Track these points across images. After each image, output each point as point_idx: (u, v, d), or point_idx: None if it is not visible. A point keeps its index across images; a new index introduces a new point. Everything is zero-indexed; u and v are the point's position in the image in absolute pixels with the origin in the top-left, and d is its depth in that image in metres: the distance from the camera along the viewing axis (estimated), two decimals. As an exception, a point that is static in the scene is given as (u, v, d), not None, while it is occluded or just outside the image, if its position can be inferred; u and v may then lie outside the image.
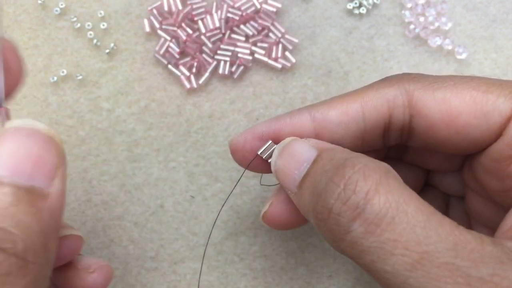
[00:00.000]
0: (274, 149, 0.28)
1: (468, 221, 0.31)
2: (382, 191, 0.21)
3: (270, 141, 0.28)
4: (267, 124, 0.28)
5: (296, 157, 0.26)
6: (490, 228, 0.29)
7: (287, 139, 0.27)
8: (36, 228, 0.21)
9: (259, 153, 0.28)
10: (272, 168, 0.27)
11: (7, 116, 0.23)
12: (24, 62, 0.24)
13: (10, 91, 0.24)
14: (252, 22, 0.38)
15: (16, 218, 0.20)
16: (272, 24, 0.38)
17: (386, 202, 0.21)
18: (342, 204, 0.22)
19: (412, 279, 0.20)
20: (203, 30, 0.38)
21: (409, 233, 0.20)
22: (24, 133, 0.22)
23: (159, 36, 0.38)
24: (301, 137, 0.27)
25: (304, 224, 0.30)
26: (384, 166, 0.23)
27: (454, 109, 0.26)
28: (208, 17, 0.38)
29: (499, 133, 0.25)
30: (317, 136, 0.27)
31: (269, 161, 0.28)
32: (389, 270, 0.21)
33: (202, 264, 0.36)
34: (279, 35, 0.38)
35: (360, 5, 0.39)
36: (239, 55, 0.38)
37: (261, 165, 0.29)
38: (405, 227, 0.21)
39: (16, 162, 0.21)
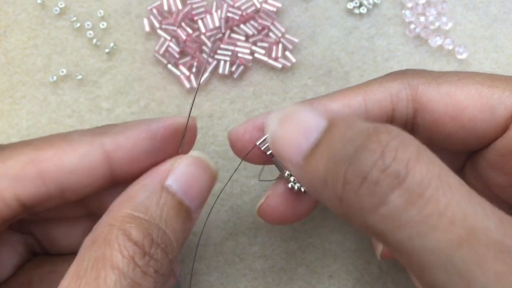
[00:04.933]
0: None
1: None
2: (424, 161, 0.19)
3: None
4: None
5: (302, 125, 0.23)
6: None
7: (289, 106, 0.25)
8: (181, 242, 0.25)
9: (257, 143, 0.28)
10: (270, 137, 0.25)
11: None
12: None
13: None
14: (252, 22, 0.38)
15: (175, 229, 0.24)
16: (272, 24, 0.38)
17: (428, 172, 0.19)
18: (381, 172, 0.19)
19: (457, 258, 0.18)
20: (203, 30, 0.38)
21: (455, 206, 0.18)
22: (201, 165, 0.26)
23: (159, 36, 0.38)
24: None
25: (300, 219, 0.29)
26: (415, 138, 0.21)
27: (459, 103, 0.25)
28: (208, 16, 0.38)
29: (505, 127, 0.25)
30: None
31: (268, 153, 0.28)
32: (430, 247, 0.18)
33: (194, 261, 0.36)
34: (279, 34, 0.38)
35: (361, 5, 0.39)
36: (239, 54, 0.38)
37: (259, 156, 0.28)
38: (450, 199, 0.18)
39: (188, 185, 0.25)
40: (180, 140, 0.27)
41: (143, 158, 0.26)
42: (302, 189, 0.28)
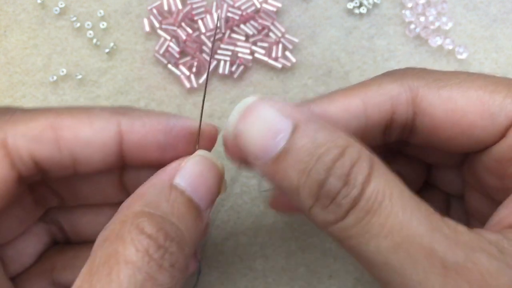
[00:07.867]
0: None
1: (468, 221, 0.30)
2: (373, 179, 0.22)
3: None
4: None
5: (267, 124, 0.23)
6: None
7: (249, 99, 0.24)
8: (195, 239, 0.25)
9: None
10: (230, 130, 0.25)
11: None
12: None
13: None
14: (252, 22, 0.38)
15: (187, 225, 0.24)
16: (272, 24, 0.38)
17: (374, 189, 0.22)
18: (343, 198, 0.22)
19: (394, 259, 0.21)
20: (203, 30, 0.38)
21: (393, 217, 0.21)
22: (207, 164, 0.27)
23: (159, 36, 0.38)
24: None
25: None
26: (369, 152, 0.23)
27: (460, 109, 0.25)
28: (208, 16, 0.38)
29: (504, 134, 0.25)
30: None
31: None
32: (372, 250, 0.22)
33: (200, 259, 0.36)
34: (279, 34, 0.38)
35: (361, 5, 0.39)
36: (239, 54, 0.38)
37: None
38: (389, 212, 0.22)
39: (196, 183, 0.26)
40: (195, 144, 0.28)
41: (154, 149, 0.27)
42: None
